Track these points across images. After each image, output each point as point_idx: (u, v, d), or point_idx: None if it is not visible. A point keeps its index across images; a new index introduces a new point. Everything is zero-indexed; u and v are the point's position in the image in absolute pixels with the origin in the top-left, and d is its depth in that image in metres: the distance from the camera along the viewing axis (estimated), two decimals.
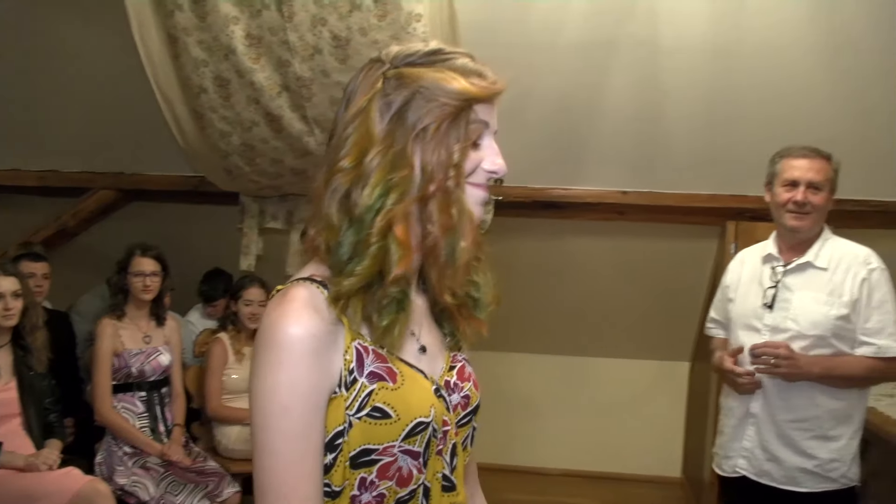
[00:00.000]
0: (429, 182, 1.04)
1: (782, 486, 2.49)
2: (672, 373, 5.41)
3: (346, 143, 1.05)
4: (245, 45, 3.31)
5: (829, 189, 2.52)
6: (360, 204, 1.03)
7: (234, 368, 3.86)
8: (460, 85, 1.05)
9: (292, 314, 1.01)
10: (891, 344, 2.40)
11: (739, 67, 3.51)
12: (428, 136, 1.04)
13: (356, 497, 1.06)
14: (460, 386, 1.19)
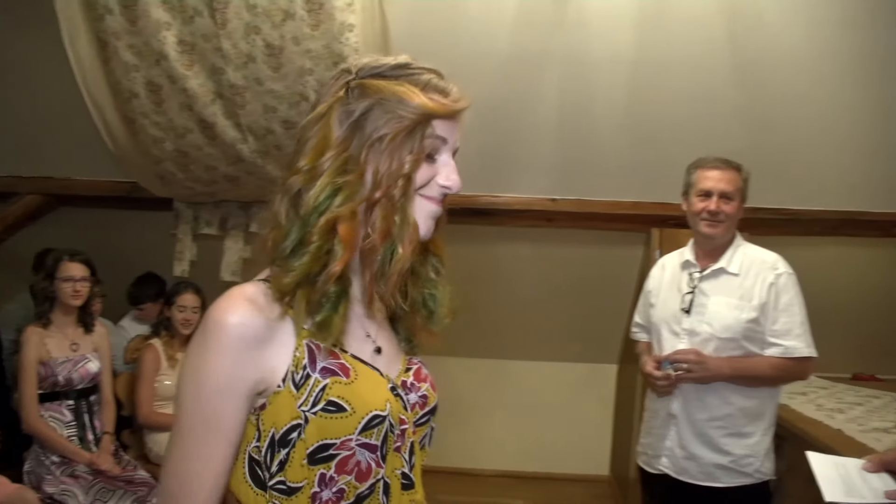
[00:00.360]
0: (376, 188, 1.08)
1: (701, 482, 2.60)
2: (600, 375, 5.54)
3: (305, 146, 1.10)
4: (177, 52, 3.31)
5: (740, 198, 2.66)
6: (307, 204, 1.07)
7: (168, 375, 3.83)
8: (419, 100, 1.09)
9: (230, 305, 1.05)
10: (797, 344, 2.54)
11: (661, 81, 3.64)
12: (383, 146, 1.08)
13: (317, 494, 1.07)
14: (417, 386, 1.22)
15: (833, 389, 4.19)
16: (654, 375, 2.63)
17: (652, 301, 2.88)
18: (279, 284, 1.06)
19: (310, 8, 3.13)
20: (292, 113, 3.31)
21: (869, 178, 3.98)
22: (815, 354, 2.57)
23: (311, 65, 3.17)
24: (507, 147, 3.92)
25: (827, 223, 4.22)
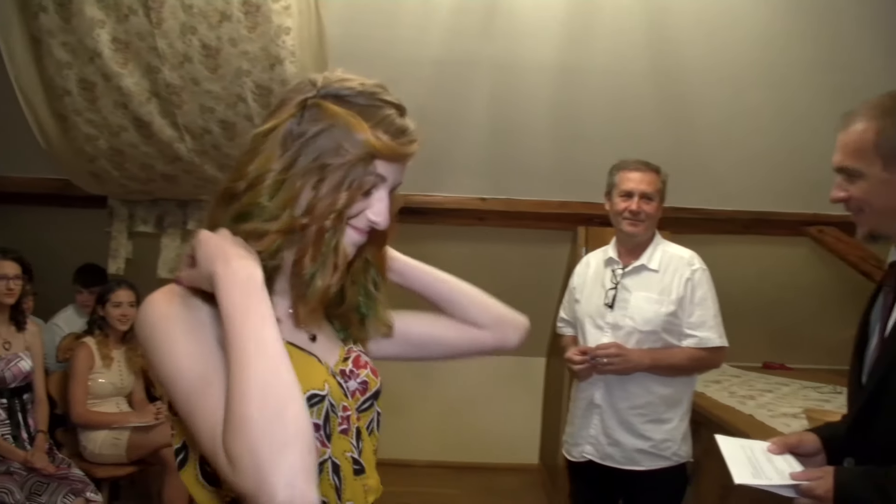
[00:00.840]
0: (308, 215, 1.08)
1: (623, 466, 2.75)
2: (529, 368, 5.70)
3: (253, 152, 1.09)
4: (112, 50, 3.30)
5: (660, 199, 2.82)
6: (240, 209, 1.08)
7: (102, 373, 3.83)
8: (366, 138, 1.07)
9: (160, 297, 1.07)
10: (710, 336, 2.72)
11: (586, 87, 3.79)
12: (325, 174, 1.07)
13: None
14: (356, 373, 1.23)
15: (745, 377, 4.42)
16: (574, 360, 2.77)
17: (577, 297, 3.00)
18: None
19: (246, 10, 3.16)
20: (230, 113, 3.35)
21: (779, 181, 4.21)
22: (727, 344, 2.75)
23: (248, 66, 3.22)
24: (440, 148, 4.00)
25: (740, 222, 4.46)
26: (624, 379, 2.75)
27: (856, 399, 1.68)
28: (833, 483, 1.53)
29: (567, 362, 2.84)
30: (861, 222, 1.63)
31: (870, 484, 1.50)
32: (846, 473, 1.56)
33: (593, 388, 2.82)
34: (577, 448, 2.87)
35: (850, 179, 1.60)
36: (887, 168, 1.53)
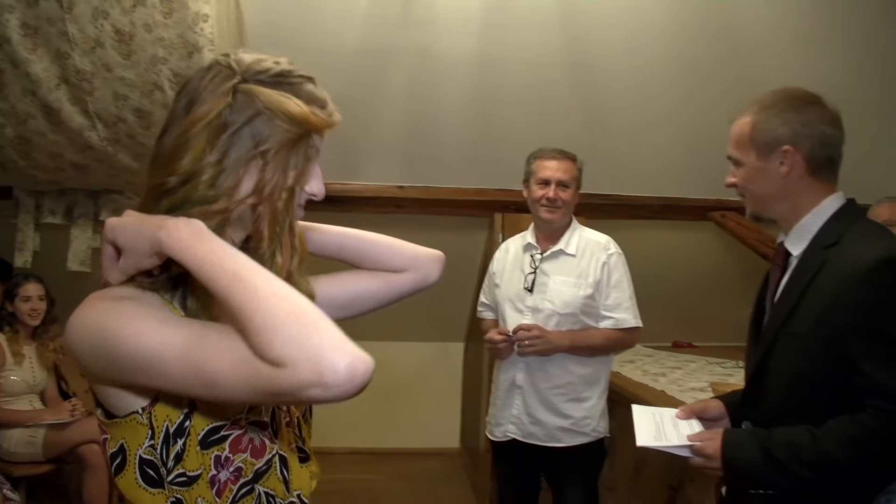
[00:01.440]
0: (259, 199, 1.08)
1: (545, 443, 2.85)
2: (448, 353, 5.80)
3: (184, 145, 1.06)
4: (20, 35, 3.17)
5: (576, 186, 2.92)
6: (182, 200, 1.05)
7: (14, 370, 3.72)
8: (303, 113, 1.07)
9: (91, 301, 1.02)
10: (626, 317, 2.85)
11: (502, 77, 3.86)
12: (268, 158, 1.07)
13: (215, 476, 1.08)
14: None
15: (656, 356, 4.61)
16: (494, 340, 2.85)
17: (497, 281, 3.09)
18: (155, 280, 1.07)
19: None
20: (145, 102, 3.27)
21: (687, 168, 4.38)
22: (641, 325, 2.89)
23: (164, 53, 3.15)
24: (358, 137, 4.00)
25: (651, 208, 4.62)
26: (544, 360, 2.84)
27: (749, 368, 1.84)
28: (721, 443, 1.69)
29: (488, 343, 2.92)
30: (746, 205, 1.83)
31: (754, 443, 1.65)
32: (733, 434, 1.73)
33: (515, 370, 2.91)
34: (500, 428, 2.96)
35: (735, 167, 1.80)
36: (760, 158, 1.74)
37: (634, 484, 3.65)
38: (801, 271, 1.71)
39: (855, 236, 1.65)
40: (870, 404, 1.54)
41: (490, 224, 4.73)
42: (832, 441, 1.56)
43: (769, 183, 1.75)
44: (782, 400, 1.70)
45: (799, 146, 1.71)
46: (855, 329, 1.56)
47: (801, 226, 1.75)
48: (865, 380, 1.55)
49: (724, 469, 1.70)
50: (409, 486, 5.06)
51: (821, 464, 1.57)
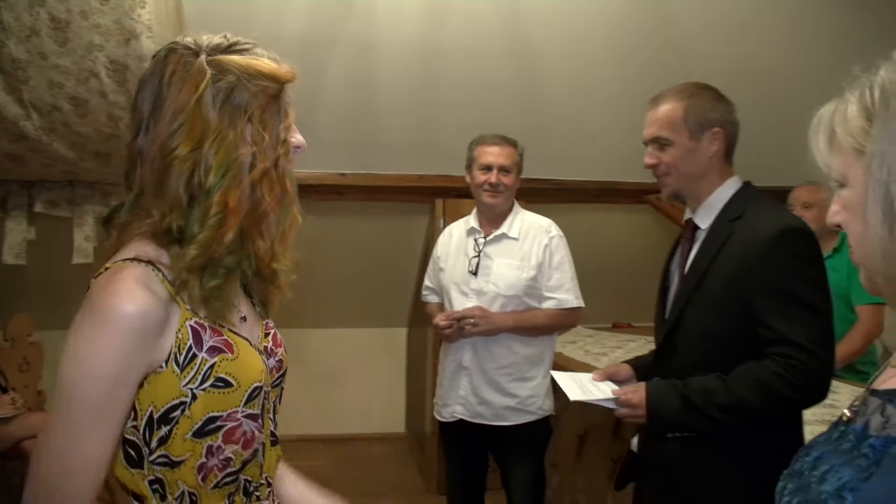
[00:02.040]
0: (263, 160, 1.12)
1: (492, 422, 2.92)
2: (391, 338, 5.82)
3: (177, 132, 1.08)
4: None
5: (517, 171, 2.99)
6: (205, 182, 1.08)
7: None
8: (275, 69, 1.14)
9: (125, 291, 1.03)
10: (568, 297, 2.93)
11: (442, 64, 3.90)
12: (257, 119, 1.11)
13: (203, 464, 1.11)
14: (275, 351, 1.29)
15: (597, 337, 4.71)
16: (441, 325, 2.90)
17: (441, 265, 3.14)
18: (184, 261, 1.08)
19: None
20: (81, 90, 3.20)
21: (624, 153, 4.45)
22: (583, 305, 2.98)
23: (100, 40, 3.09)
24: (300, 125, 3.90)
25: (590, 192, 4.72)
26: (489, 341, 2.91)
27: (661, 332, 2.08)
28: (645, 393, 1.93)
29: (435, 328, 2.97)
30: (666, 184, 2.06)
31: (673, 392, 1.89)
32: (654, 385, 1.96)
33: (461, 352, 2.97)
34: (447, 409, 3.02)
35: (661, 148, 2.02)
36: (692, 138, 1.98)
37: (578, 461, 3.75)
38: (710, 241, 1.95)
39: (756, 211, 1.91)
40: (773, 352, 1.77)
41: (431, 210, 4.78)
42: (741, 385, 1.80)
43: (697, 161, 1.99)
44: (693, 355, 1.93)
45: (725, 129, 1.99)
46: (760, 289, 1.80)
47: (709, 202, 2.00)
48: (769, 332, 1.78)
49: (648, 416, 1.92)
50: (357, 471, 5.08)
51: (733, 405, 1.80)
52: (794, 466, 0.96)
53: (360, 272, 5.23)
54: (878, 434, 0.84)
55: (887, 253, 0.81)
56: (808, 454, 0.94)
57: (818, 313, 1.79)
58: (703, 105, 1.99)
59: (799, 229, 1.84)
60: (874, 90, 0.84)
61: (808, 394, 1.78)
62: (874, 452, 0.83)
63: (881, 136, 0.81)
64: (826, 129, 0.89)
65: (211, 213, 1.09)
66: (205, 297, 1.10)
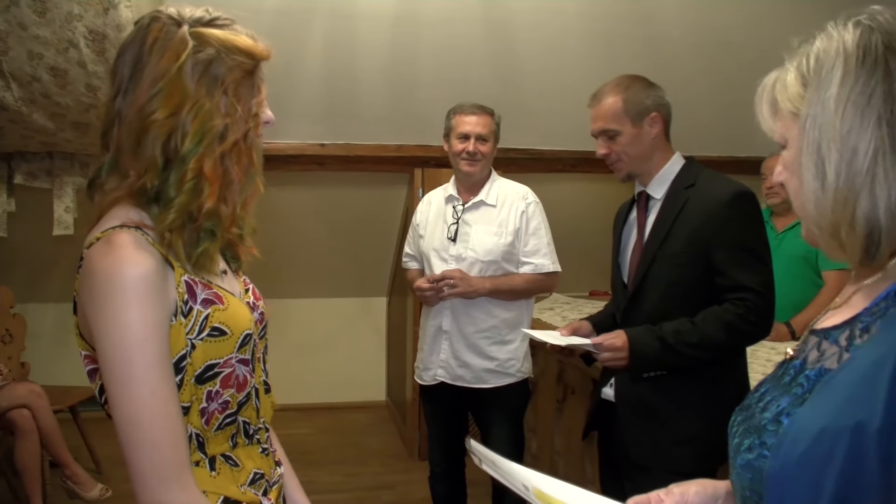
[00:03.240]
0: (235, 131, 1.18)
1: (473, 385, 3.00)
2: (372, 308, 5.91)
3: (156, 97, 1.14)
4: None
5: (494, 139, 3.05)
6: (181, 148, 1.14)
7: None
8: (251, 45, 1.20)
9: (129, 256, 1.09)
10: (545, 262, 3.00)
11: (419, 35, 3.90)
12: (231, 92, 1.17)
13: (205, 409, 1.19)
14: (256, 304, 1.36)
15: (574, 304, 4.78)
16: (422, 287, 2.98)
17: (421, 233, 3.21)
18: (164, 224, 1.14)
19: None
20: (60, 60, 3.21)
21: None
22: (560, 269, 3.05)
23: (79, 10, 3.09)
24: (279, 96, 3.82)
25: (566, 161, 4.77)
26: (468, 305, 2.98)
27: (622, 296, 2.33)
28: (627, 337, 2.16)
29: (416, 291, 3.04)
30: (620, 169, 2.32)
31: (650, 334, 2.14)
32: (632, 331, 2.18)
33: (441, 316, 3.04)
34: (429, 372, 3.09)
35: (610, 139, 2.27)
36: (635, 125, 2.24)
37: (556, 424, 3.84)
38: (668, 206, 2.22)
39: (707, 179, 2.21)
40: (731, 297, 2.08)
41: (410, 180, 4.82)
42: (709, 325, 2.08)
43: (643, 144, 2.25)
44: (659, 305, 2.19)
45: (661, 112, 2.27)
46: (719, 242, 2.09)
47: (660, 175, 2.28)
48: (727, 280, 2.09)
49: (630, 357, 2.15)
50: (339, 439, 5.18)
51: (703, 343, 2.08)
52: (745, 402, 1.06)
53: (340, 242, 5.28)
54: (813, 367, 0.94)
55: (818, 204, 0.90)
56: (756, 391, 1.04)
57: (764, 262, 2.12)
58: (639, 95, 2.25)
59: (748, 193, 2.14)
60: (810, 59, 0.92)
61: (762, 328, 2.10)
62: (808, 382, 0.93)
63: (814, 100, 0.89)
64: (769, 96, 0.97)
65: (187, 178, 1.15)
66: (190, 256, 1.18)
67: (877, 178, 0.85)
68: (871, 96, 0.86)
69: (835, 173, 0.87)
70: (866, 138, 0.85)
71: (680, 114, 2.39)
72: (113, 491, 3.90)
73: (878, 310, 0.89)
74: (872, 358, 0.82)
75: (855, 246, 0.88)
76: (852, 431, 0.79)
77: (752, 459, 0.92)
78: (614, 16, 3.97)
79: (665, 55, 4.06)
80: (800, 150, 0.91)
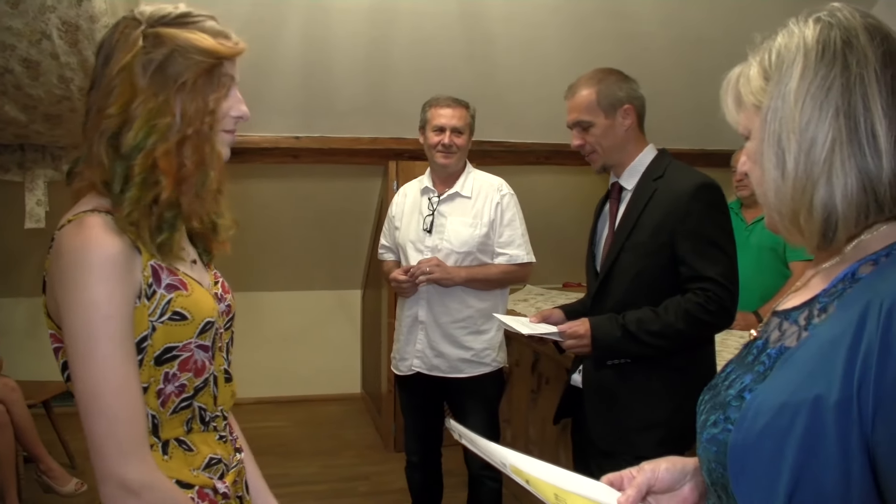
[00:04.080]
0: (187, 126, 1.21)
1: (448, 374, 3.03)
2: (346, 300, 5.92)
3: (111, 93, 1.19)
4: None
5: (469, 132, 3.08)
6: (125, 144, 1.19)
7: None
8: (211, 45, 1.22)
9: (98, 237, 1.15)
10: (519, 253, 3.04)
11: (394, 28, 3.91)
12: (187, 89, 1.21)
13: (161, 390, 1.23)
14: (224, 297, 1.40)
15: (548, 295, 4.84)
16: (398, 279, 3.00)
17: (396, 224, 3.23)
18: (122, 217, 1.18)
19: None
20: (33, 51, 3.17)
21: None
22: (534, 260, 3.09)
23: (52, 1, 3.04)
24: (254, 89, 3.94)
25: (539, 154, 4.81)
26: (443, 296, 3.02)
27: (593, 283, 2.40)
28: (589, 324, 2.22)
29: (392, 282, 3.06)
30: (595, 160, 2.37)
31: (613, 322, 2.19)
32: (596, 319, 2.24)
33: (416, 307, 3.07)
34: (405, 362, 3.12)
35: (584, 130, 2.33)
36: (608, 117, 2.30)
37: (530, 413, 3.89)
38: (637, 198, 2.27)
39: (675, 171, 2.26)
40: (693, 287, 2.13)
41: (384, 172, 4.83)
42: (670, 314, 2.13)
43: (616, 136, 2.31)
44: (626, 294, 2.25)
45: (634, 104, 2.32)
46: (682, 233, 2.14)
47: (633, 166, 2.33)
48: (690, 270, 2.14)
49: (592, 345, 2.20)
50: (315, 431, 5.19)
51: (664, 331, 2.13)
52: (712, 382, 1.10)
53: (314, 235, 5.28)
54: (774, 345, 0.98)
55: (778, 192, 0.94)
56: (723, 371, 1.09)
57: (727, 253, 2.15)
58: (612, 87, 2.30)
59: (713, 185, 2.20)
60: (771, 54, 0.96)
61: (722, 318, 2.14)
62: (769, 360, 0.97)
63: (775, 93, 0.94)
64: (733, 89, 1.01)
65: (135, 173, 1.19)
66: (154, 244, 1.22)
67: (834, 167, 0.89)
68: (830, 90, 0.90)
69: (794, 162, 0.91)
70: (824, 129, 0.89)
71: (652, 106, 2.43)
72: (87, 485, 3.89)
73: (835, 291, 0.93)
74: (830, 335, 0.87)
75: (813, 231, 0.93)
76: (811, 405, 0.83)
77: (717, 433, 0.96)
78: (589, 10, 4.01)
79: (639, 49, 4.11)
80: (761, 141, 0.95)
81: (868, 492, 0.82)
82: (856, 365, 0.82)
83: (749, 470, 0.88)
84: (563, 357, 3.12)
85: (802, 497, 0.84)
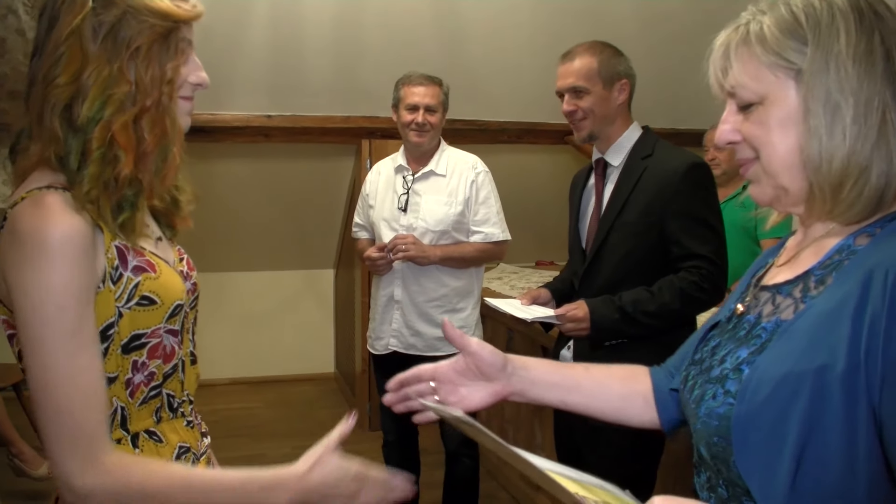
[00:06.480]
0: (145, 97, 1.12)
1: (425, 353, 3.01)
2: (318, 280, 5.90)
3: (59, 61, 1.09)
4: None
5: (443, 110, 3.07)
6: (80, 116, 1.09)
7: None
8: (167, 6, 1.12)
9: (55, 216, 1.05)
10: (494, 231, 3.04)
11: (364, 5, 3.89)
12: (141, 56, 1.11)
13: (130, 380, 1.16)
14: (190, 274, 1.33)
15: (522, 274, 4.86)
16: (372, 257, 3.00)
17: (370, 203, 3.21)
18: (80, 195, 1.09)
19: None
20: None
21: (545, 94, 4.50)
22: (510, 238, 3.10)
23: None
24: (225, 67, 3.92)
25: (512, 132, 4.80)
26: (419, 274, 3.02)
27: (580, 263, 2.40)
28: (587, 307, 2.21)
29: (366, 260, 3.06)
30: (583, 127, 2.34)
31: (610, 304, 2.20)
32: (593, 302, 2.23)
33: (392, 286, 3.07)
34: (381, 342, 3.12)
35: (578, 97, 2.31)
36: (605, 87, 2.30)
37: None
38: (626, 176, 2.29)
39: (664, 150, 2.29)
40: (685, 266, 2.16)
41: (357, 151, 4.80)
42: (665, 293, 2.16)
43: (610, 107, 2.32)
44: (615, 273, 2.27)
45: (630, 81, 2.35)
46: (672, 213, 2.17)
47: (619, 143, 2.35)
48: (681, 249, 2.17)
49: (592, 327, 2.20)
50: (289, 412, 5.18)
51: (660, 311, 2.16)
52: (695, 357, 1.09)
53: (286, 214, 5.25)
54: (769, 319, 0.97)
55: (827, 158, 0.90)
56: (706, 345, 1.08)
57: (717, 232, 2.21)
58: (611, 60, 2.32)
59: (703, 164, 2.24)
60: (798, 14, 0.91)
61: (715, 295, 2.18)
62: (765, 333, 0.96)
63: (817, 55, 0.89)
64: (736, 53, 0.96)
65: (93, 147, 1.10)
66: (116, 224, 1.13)
67: (887, 134, 0.88)
68: (873, 53, 0.88)
69: (854, 126, 0.88)
70: (876, 95, 0.88)
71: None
72: None
73: (830, 262, 0.93)
74: (830, 306, 0.87)
75: (860, 199, 0.89)
76: (815, 374, 0.84)
77: (716, 407, 0.95)
78: None
79: (611, 29, 4.10)
80: (800, 106, 0.91)
81: (874, 460, 0.82)
82: (861, 334, 0.82)
83: (752, 440, 0.88)
84: (538, 334, 3.15)
85: (807, 467, 0.84)
